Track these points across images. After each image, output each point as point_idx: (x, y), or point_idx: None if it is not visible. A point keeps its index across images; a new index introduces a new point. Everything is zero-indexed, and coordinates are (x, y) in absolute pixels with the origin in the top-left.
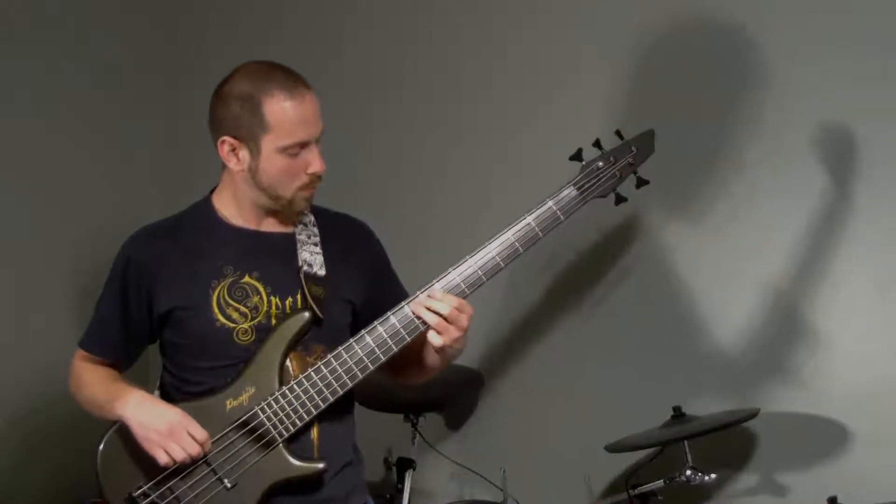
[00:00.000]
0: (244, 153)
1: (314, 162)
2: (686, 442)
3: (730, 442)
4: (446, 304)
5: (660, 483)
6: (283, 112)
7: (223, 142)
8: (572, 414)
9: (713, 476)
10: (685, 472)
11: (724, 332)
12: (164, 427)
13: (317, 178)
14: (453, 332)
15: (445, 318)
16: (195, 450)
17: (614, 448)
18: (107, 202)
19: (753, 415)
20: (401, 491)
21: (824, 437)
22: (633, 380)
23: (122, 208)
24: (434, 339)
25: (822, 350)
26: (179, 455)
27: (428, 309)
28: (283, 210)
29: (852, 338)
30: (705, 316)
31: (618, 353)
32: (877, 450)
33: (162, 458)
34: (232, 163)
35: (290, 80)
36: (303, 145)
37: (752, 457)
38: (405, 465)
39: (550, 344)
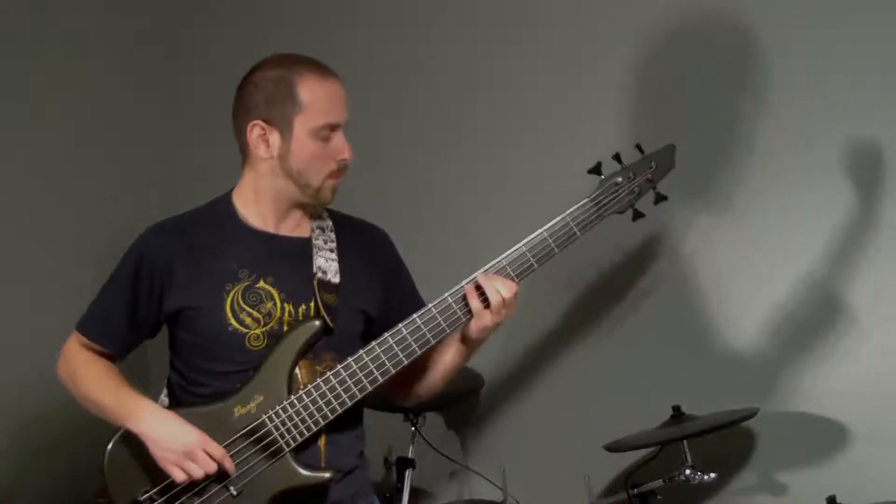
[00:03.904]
0: (275, 137)
1: (344, 148)
2: (685, 441)
3: (729, 441)
4: (507, 289)
5: (659, 482)
6: (317, 92)
7: (254, 126)
8: (572, 413)
9: (712, 475)
10: (684, 471)
11: (723, 332)
12: (181, 447)
13: (345, 166)
14: (503, 316)
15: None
16: (213, 469)
17: (614, 447)
18: (109, 206)
19: (753, 414)
20: (401, 490)
21: (824, 437)
22: (632, 379)
23: (124, 211)
24: (485, 318)
25: (822, 348)
26: (198, 474)
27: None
28: (309, 201)
29: (852, 336)
30: (704, 315)
31: (617, 352)
32: (876, 449)
33: (179, 477)
34: (261, 150)
35: (321, 66)
36: (333, 128)
37: (752, 456)
38: (405, 464)
39: (550, 344)
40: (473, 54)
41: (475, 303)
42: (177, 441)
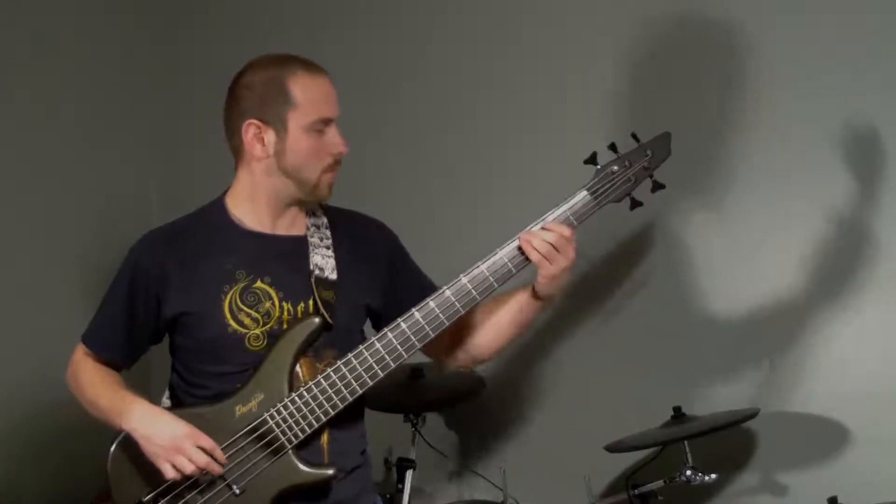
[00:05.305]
0: (270, 136)
1: (339, 142)
2: (686, 442)
3: (730, 442)
4: (554, 234)
5: (660, 483)
6: (308, 88)
7: (249, 125)
8: (572, 414)
9: (713, 476)
10: (685, 472)
11: (723, 332)
12: (169, 441)
13: (340, 159)
14: (562, 261)
15: (554, 247)
16: (204, 461)
17: (614, 448)
18: (110, 206)
19: (753, 415)
20: (401, 491)
21: (824, 437)
22: (633, 380)
23: (124, 212)
24: (546, 267)
25: (823, 349)
26: (188, 468)
27: (533, 245)
28: (307, 198)
29: (853, 337)
30: (705, 316)
31: (618, 352)
32: (877, 450)
33: (169, 473)
34: (257, 150)
35: (310, 63)
36: (326, 122)
37: (753, 457)
38: (405, 465)
39: (550, 344)
40: (473, 54)
41: (533, 254)
42: (164, 435)
